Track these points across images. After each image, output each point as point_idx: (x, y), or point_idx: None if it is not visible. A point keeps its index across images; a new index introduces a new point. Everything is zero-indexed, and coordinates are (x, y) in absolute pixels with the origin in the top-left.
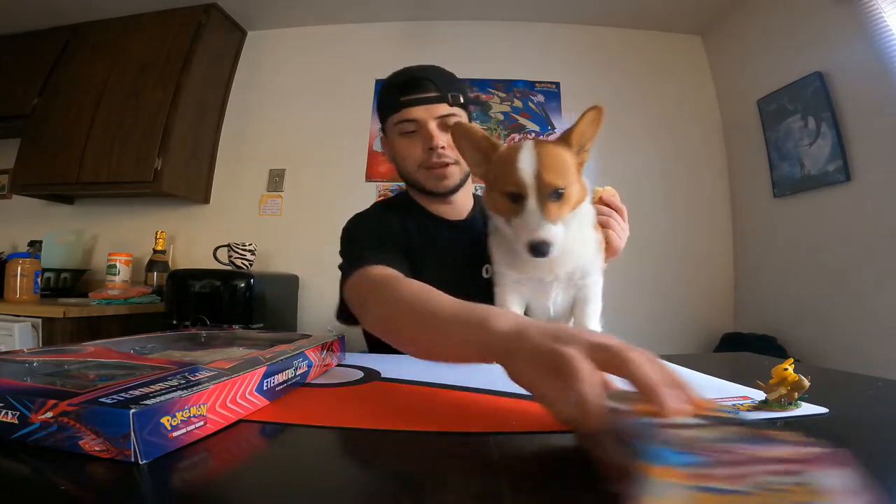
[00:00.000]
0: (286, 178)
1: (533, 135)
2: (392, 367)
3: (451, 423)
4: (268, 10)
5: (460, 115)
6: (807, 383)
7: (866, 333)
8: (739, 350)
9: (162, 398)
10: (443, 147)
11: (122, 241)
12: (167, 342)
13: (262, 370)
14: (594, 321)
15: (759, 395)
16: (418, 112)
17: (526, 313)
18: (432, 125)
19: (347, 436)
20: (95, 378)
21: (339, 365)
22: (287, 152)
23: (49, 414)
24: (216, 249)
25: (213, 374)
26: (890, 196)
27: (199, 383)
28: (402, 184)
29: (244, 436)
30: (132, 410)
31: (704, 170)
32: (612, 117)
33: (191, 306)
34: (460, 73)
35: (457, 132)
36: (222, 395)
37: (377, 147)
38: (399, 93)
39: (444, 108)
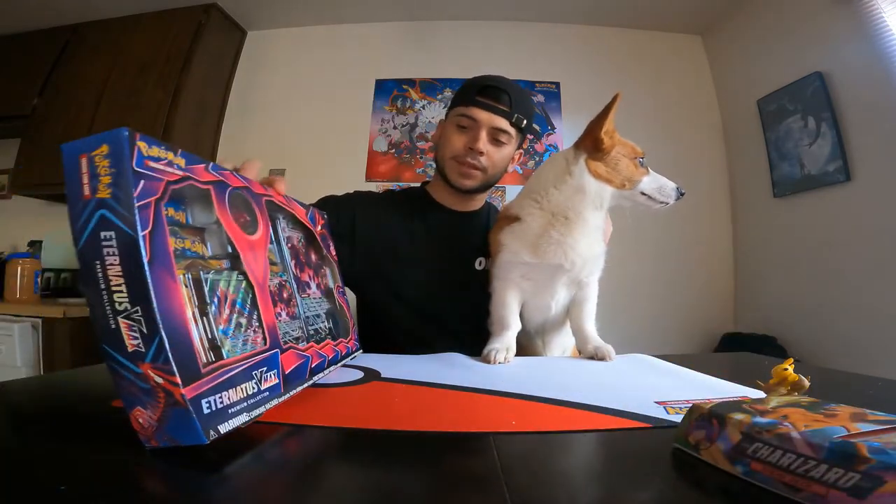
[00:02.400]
0: (286, 178)
1: (533, 135)
2: (392, 367)
3: (451, 423)
4: (268, 10)
5: (513, 136)
6: (807, 383)
7: (866, 333)
8: (739, 350)
9: (245, 418)
10: (481, 153)
11: None
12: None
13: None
14: (591, 320)
15: (760, 395)
16: (481, 115)
17: (521, 313)
18: (484, 131)
19: (347, 436)
20: (221, 268)
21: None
22: (287, 152)
23: (160, 380)
24: None
25: (302, 381)
26: (890, 196)
27: (278, 397)
28: (402, 184)
29: (244, 435)
30: (208, 440)
31: (704, 170)
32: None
33: None
34: (460, 74)
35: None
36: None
37: (377, 147)
38: (477, 92)
39: (503, 123)
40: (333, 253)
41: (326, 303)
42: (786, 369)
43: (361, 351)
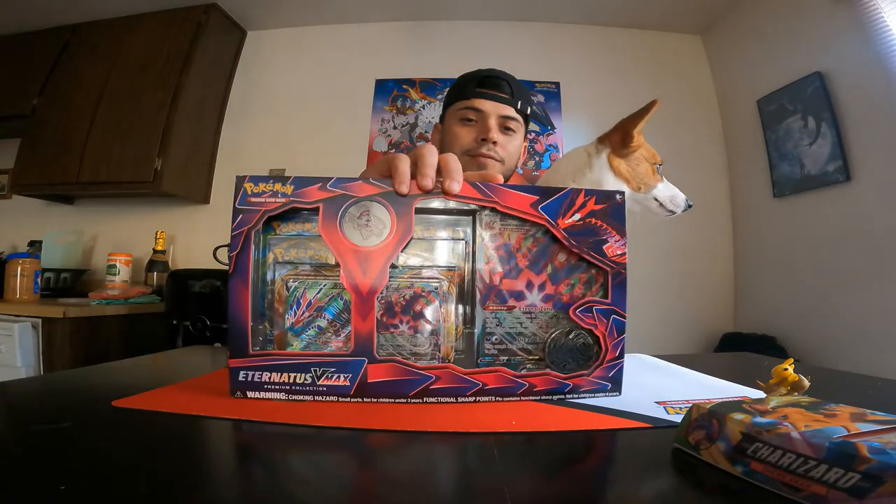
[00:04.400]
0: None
1: (533, 135)
2: None
3: (452, 423)
4: (268, 10)
5: (520, 123)
6: (807, 383)
7: (866, 333)
8: (739, 350)
9: (281, 396)
10: (495, 142)
11: (122, 241)
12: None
13: None
14: None
15: (760, 395)
16: (486, 105)
17: None
18: (493, 120)
19: (347, 436)
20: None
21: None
22: (287, 152)
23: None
24: (216, 249)
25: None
26: (890, 196)
27: (342, 396)
28: None
29: (242, 435)
30: (232, 395)
31: (704, 170)
32: (612, 117)
33: (191, 306)
34: (460, 74)
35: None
36: None
37: (377, 147)
38: (477, 84)
39: (510, 111)
40: (617, 251)
41: (545, 322)
42: (786, 369)
43: (606, 393)
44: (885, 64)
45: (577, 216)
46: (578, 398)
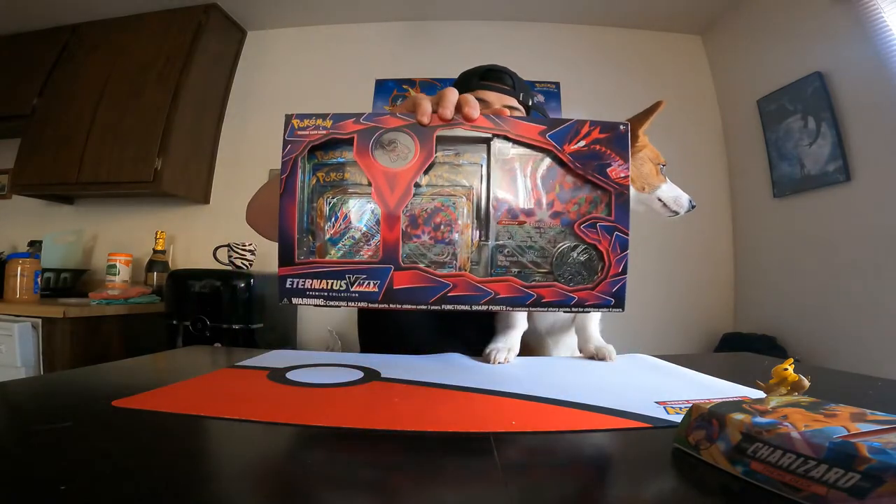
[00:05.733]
0: None
1: None
2: (392, 367)
3: (451, 423)
4: (268, 10)
5: (521, 114)
6: (807, 383)
7: (866, 333)
8: (739, 350)
9: (320, 302)
10: None
11: (122, 241)
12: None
13: None
14: (596, 321)
15: (760, 395)
16: (490, 96)
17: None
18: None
19: (347, 436)
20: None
21: (340, 365)
22: None
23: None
24: (216, 249)
25: None
26: (890, 196)
27: (372, 302)
28: None
29: (242, 435)
30: (281, 302)
31: (704, 170)
32: (612, 117)
33: (191, 306)
34: (460, 74)
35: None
36: None
37: None
38: (481, 77)
39: (513, 102)
40: (620, 174)
41: (553, 237)
42: (786, 369)
43: (609, 308)
44: (885, 64)
45: (582, 143)
46: (583, 310)
